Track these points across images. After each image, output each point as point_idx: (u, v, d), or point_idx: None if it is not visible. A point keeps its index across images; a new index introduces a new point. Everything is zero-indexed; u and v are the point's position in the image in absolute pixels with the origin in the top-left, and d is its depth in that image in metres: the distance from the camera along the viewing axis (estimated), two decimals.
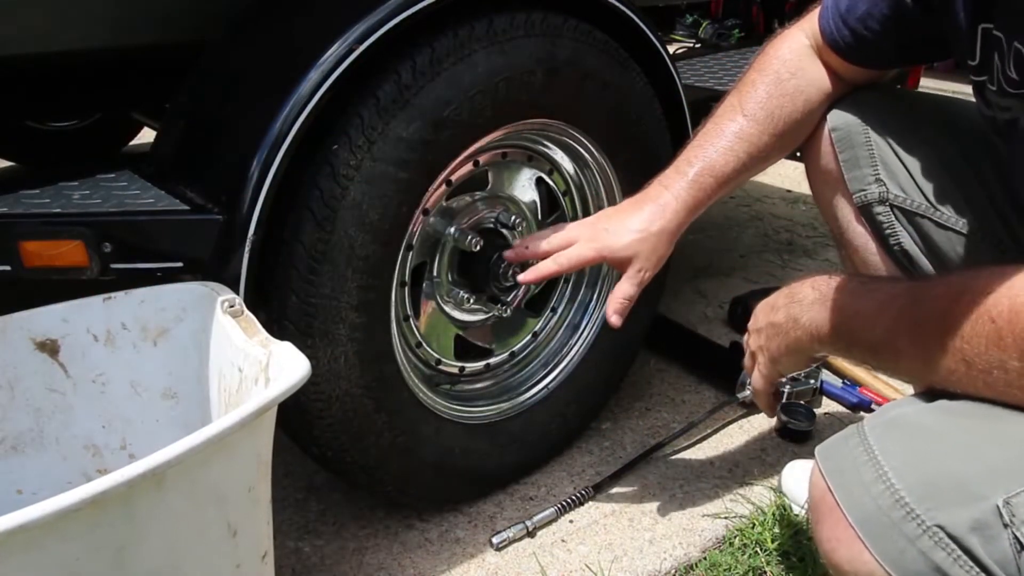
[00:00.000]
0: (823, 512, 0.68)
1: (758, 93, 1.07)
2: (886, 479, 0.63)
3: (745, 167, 1.08)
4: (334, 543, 1.33)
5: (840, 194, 1.09)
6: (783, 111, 1.06)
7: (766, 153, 1.08)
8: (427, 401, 1.29)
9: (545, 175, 1.41)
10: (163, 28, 1.15)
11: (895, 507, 0.62)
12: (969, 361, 0.65)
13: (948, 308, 0.67)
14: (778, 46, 1.09)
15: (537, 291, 1.48)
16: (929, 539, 0.60)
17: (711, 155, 1.08)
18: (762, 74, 1.08)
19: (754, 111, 1.06)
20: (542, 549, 1.32)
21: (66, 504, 0.61)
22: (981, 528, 0.59)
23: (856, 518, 0.64)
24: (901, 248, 1.05)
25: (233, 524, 0.80)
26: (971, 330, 0.64)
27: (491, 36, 1.13)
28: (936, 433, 0.66)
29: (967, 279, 0.68)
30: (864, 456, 0.66)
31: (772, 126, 1.06)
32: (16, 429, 0.97)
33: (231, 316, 0.96)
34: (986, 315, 0.63)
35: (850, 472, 0.66)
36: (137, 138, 2.28)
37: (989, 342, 0.63)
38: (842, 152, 1.06)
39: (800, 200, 2.99)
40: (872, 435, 0.67)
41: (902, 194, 1.03)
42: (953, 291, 0.68)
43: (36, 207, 1.04)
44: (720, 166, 1.08)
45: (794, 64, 1.06)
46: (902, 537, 0.61)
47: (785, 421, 1.60)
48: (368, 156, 1.06)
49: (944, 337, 0.66)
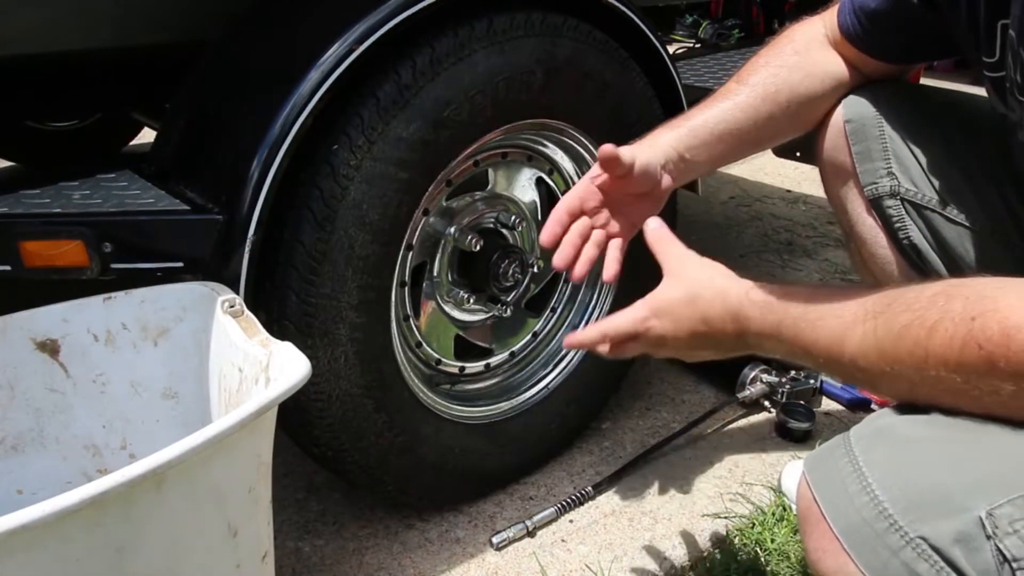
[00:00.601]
0: (810, 522, 0.67)
1: (759, 63, 1.07)
2: (870, 490, 0.63)
3: (742, 132, 1.05)
4: (334, 543, 1.33)
5: (851, 186, 1.08)
6: (777, 80, 1.05)
7: (762, 119, 1.05)
8: (427, 401, 1.29)
9: (545, 175, 1.41)
10: (163, 28, 1.15)
11: (878, 518, 0.61)
12: (957, 390, 0.63)
13: (926, 337, 0.64)
14: (793, 30, 1.10)
15: (537, 291, 1.48)
16: (912, 550, 0.60)
17: (707, 115, 1.05)
18: (769, 50, 1.08)
19: (751, 79, 1.06)
20: (542, 549, 1.32)
21: (66, 504, 0.61)
22: (964, 540, 0.58)
23: (841, 529, 0.64)
24: (910, 242, 1.05)
25: (233, 524, 0.80)
26: (958, 359, 0.62)
27: (491, 36, 1.13)
28: (921, 444, 0.65)
29: (941, 304, 0.64)
30: (849, 467, 0.65)
31: (767, 93, 1.05)
32: (16, 429, 0.97)
33: (231, 316, 0.96)
34: (973, 342, 0.61)
35: (835, 483, 0.66)
36: (137, 138, 2.28)
37: (980, 370, 0.61)
38: (855, 144, 1.05)
39: (800, 200, 2.99)
40: (858, 446, 0.66)
41: (913, 188, 1.03)
42: (928, 319, 0.64)
43: (36, 207, 1.04)
44: (716, 126, 1.04)
45: (802, 46, 1.07)
46: (885, 548, 0.61)
47: (785, 421, 1.60)
48: (368, 156, 1.06)
49: (925, 369, 0.64)
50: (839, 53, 1.07)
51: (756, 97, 1.04)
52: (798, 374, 1.69)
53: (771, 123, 1.06)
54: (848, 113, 1.06)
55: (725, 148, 1.05)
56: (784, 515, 1.36)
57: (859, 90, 1.07)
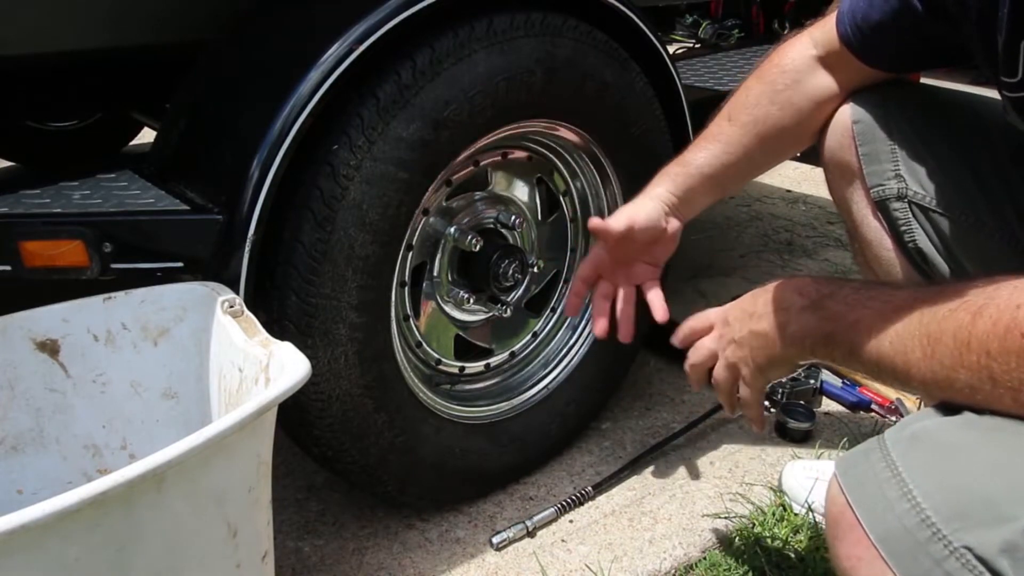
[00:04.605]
0: (843, 529, 0.65)
1: (748, 99, 1.08)
2: (911, 497, 0.61)
3: (732, 170, 1.09)
4: (334, 543, 1.33)
5: (857, 187, 1.07)
6: (770, 119, 1.06)
7: (751, 157, 1.09)
8: (427, 401, 1.29)
9: (545, 175, 1.41)
10: (163, 28, 1.15)
11: (921, 527, 0.60)
12: (996, 379, 0.62)
13: (969, 322, 0.63)
14: (781, 54, 1.08)
15: (537, 291, 1.48)
16: (956, 561, 0.58)
17: (698, 159, 1.09)
18: (757, 81, 1.08)
19: (740, 117, 1.07)
20: (542, 549, 1.32)
21: (66, 504, 0.61)
22: (1011, 550, 0.56)
23: (879, 537, 0.62)
24: (916, 246, 1.04)
25: (233, 524, 0.80)
26: (999, 346, 0.61)
27: (491, 36, 1.13)
28: (962, 449, 0.63)
29: (986, 290, 0.64)
30: (887, 472, 0.63)
31: (756, 132, 1.07)
32: (16, 429, 0.97)
33: (231, 316, 0.96)
34: (1016, 330, 0.60)
35: (872, 489, 0.64)
36: (137, 138, 2.28)
37: (1022, 358, 0.60)
38: (862, 145, 1.04)
39: (800, 200, 2.99)
40: (895, 450, 0.64)
41: (921, 191, 1.02)
42: (972, 303, 0.64)
43: (36, 207, 1.04)
44: (707, 169, 1.09)
45: (792, 76, 1.06)
46: (928, 558, 0.59)
47: (785, 421, 1.60)
48: (368, 156, 1.06)
49: (965, 353, 0.63)
50: (833, 65, 1.05)
51: (747, 136, 1.08)
52: (798, 374, 1.69)
53: (764, 158, 1.12)
54: (856, 114, 1.05)
55: (720, 186, 1.12)
56: (784, 515, 1.36)
57: (867, 90, 1.05)
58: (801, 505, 1.36)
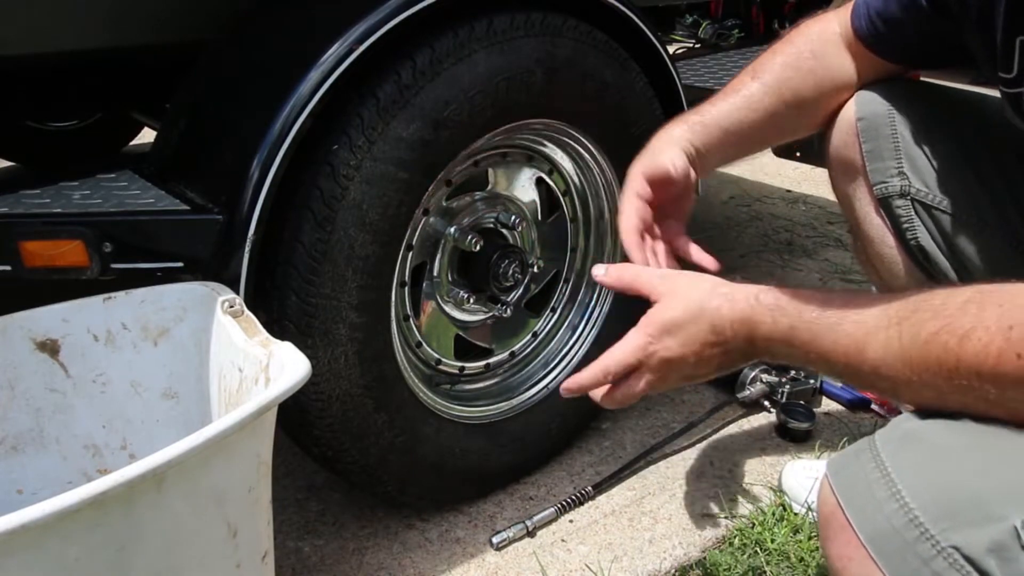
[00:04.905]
0: (834, 529, 0.65)
1: (774, 61, 1.06)
2: (899, 497, 0.61)
3: (748, 128, 1.05)
4: (334, 543, 1.33)
5: (859, 184, 1.07)
6: (791, 83, 1.04)
7: (772, 117, 1.05)
8: (427, 401, 1.29)
9: (545, 175, 1.41)
10: (163, 28, 1.15)
11: (909, 527, 0.60)
12: (991, 400, 0.61)
13: (957, 345, 0.62)
14: (810, 25, 1.08)
15: (537, 291, 1.48)
16: (944, 560, 0.58)
17: (717, 111, 1.05)
18: (785, 44, 1.07)
19: (765, 76, 1.05)
20: (542, 549, 1.32)
21: (66, 504, 0.61)
22: (999, 550, 0.56)
23: (868, 537, 0.62)
24: (918, 243, 1.04)
25: (233, 524, 0.80)
26: (994, 369, 0.60)
27: (491, 36, 1.13)
28: (952, 450, 0.63)
29: (973, 311, 0.63)
30: (876, 473, 0.63)
31: (779, 93, 1.04)
32: (16, 429, 0.97)
33: (231, 316, 0.96)
34: (1012, 352, 0.59)
35: (862, 489, 0.64)
36: (137, 138, 2.28)
37: (1018, 380, 0.59)
38: (866, 142, 1.04)
39: (800, 200, 2.99)
40: (885, 451, 0.64)
41: (924, 189, 1.02)
42: (959, 326, 0.63)
43: (36, 207, 1.04)
44: (724, 122, 1.04)
45: (819, 47, 1.05)
46: (916, 558, 0.59)
47: (785, 421, 1.60)
48: (368, 156, 1.06)
49: (955, 377, 0.62)
50: (852, 54, 1.06)
51: (770, 96, 1.04)
52: (798, 374, 1.69)
53: (780, 123, 1.07)
54: (860, 110, 1.05)
55: (734, 144, 1.05)
56: (784, 515, 1.36)
57: (871, 87, 1.05)
58: (801, 505, 1.36)
